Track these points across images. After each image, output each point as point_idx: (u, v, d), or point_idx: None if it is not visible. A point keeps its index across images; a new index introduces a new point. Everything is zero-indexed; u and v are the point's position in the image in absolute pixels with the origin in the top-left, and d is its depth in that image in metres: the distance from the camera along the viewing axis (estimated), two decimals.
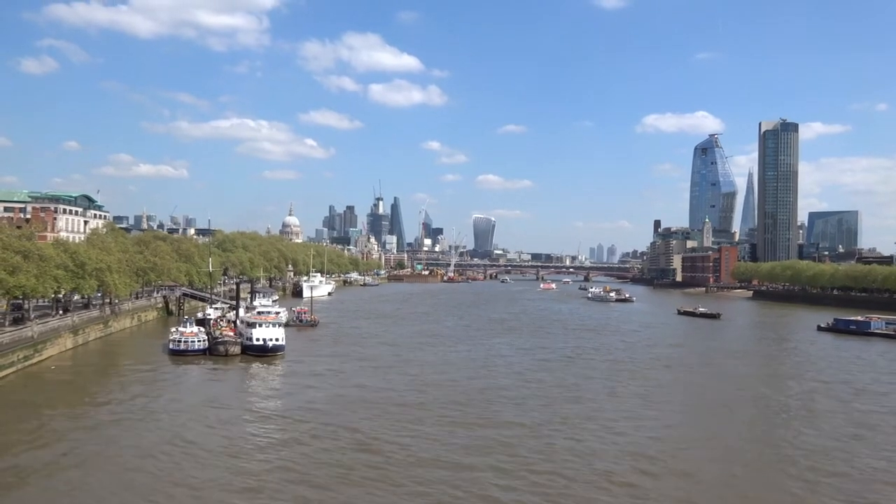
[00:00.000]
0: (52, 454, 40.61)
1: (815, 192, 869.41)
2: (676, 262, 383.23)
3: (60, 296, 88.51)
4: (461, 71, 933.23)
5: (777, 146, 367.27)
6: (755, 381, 73.80)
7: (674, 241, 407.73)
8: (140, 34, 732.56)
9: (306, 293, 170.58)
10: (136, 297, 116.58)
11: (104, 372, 69.94)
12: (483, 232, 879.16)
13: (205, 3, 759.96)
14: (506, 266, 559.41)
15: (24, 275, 67.84)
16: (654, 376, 72.85)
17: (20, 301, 79.31)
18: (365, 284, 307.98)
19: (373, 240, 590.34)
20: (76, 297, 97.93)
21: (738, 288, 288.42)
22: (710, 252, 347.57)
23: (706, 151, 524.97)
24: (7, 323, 72.96)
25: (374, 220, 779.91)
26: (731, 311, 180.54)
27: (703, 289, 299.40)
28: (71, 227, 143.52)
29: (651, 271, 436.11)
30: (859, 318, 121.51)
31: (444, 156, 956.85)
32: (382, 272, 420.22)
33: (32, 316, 78.17)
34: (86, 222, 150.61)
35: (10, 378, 62.24)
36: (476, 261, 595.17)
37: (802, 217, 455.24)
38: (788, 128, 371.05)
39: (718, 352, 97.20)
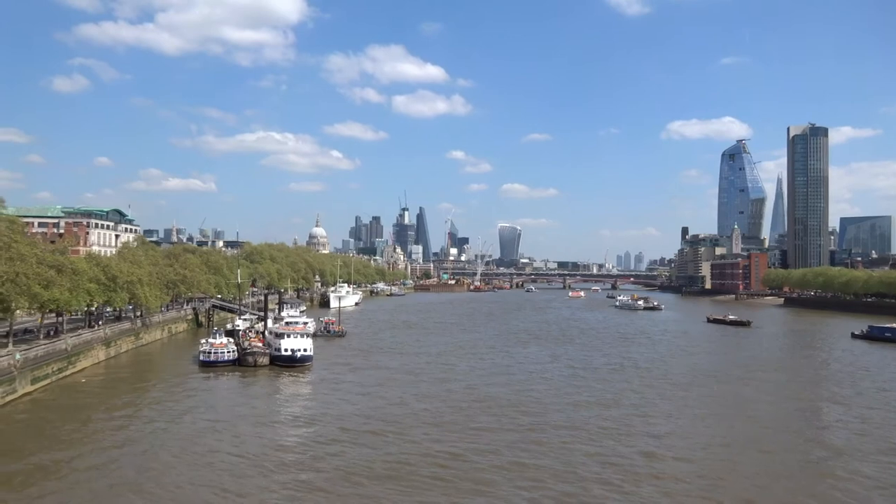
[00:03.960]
0: (88, 461, 41.16)
1: (846, 197, 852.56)
2: (705, 269, 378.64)
3: (93, 309, 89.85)
4: (485, 80, 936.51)
5: (806, 151, 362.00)
6: (798, 392, 72.28)
7: (702, 248, 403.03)
8: (167, 51, 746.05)
9: (333, 304, 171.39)
10: (167, 309, 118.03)
11: (136, 383, 70.74)
12: (509, 241, 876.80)
13: (230, 19, 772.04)
14: (532, 275, 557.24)
15: (57, 288, 69.04)
16: (693, 388, 71.82)
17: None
18: (391, 294, 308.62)
19: (399, 250, 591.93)
20: (108, 309, 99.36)
21: (769, 295, 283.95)
22: (740, 259, 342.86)
23: (734, 157, 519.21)
24: (42, 336, 74.27)
25: (400, 231, 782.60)
26: (762, 318, 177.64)
27: (733, 296, 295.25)
28: (103, 241, 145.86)
29: (679, 279, 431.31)
30: (895, 325, 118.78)
31: (468, 165, 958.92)
32: (409, 282, 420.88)
33: (66, 329, 79.48)
34: (117, 236, 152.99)
35: (46, 390, 63.30)
36: (502, 270, 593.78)
37: (833, 222, 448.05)
38: (818, 132, 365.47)
39: (754, 361, 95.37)
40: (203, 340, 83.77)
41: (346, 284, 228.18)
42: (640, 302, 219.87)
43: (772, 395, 69.74)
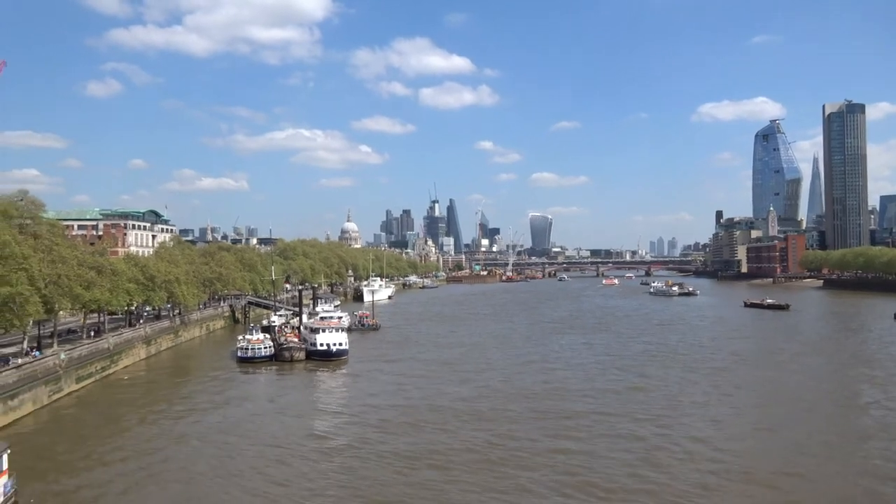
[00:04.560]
0: (132, 455, 42.08)
1: (885, 175, 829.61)
2: (741, 252, 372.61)
3: (133, 308, 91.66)
4: (511, 69, 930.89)
5: (843, 129, 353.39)
6: (840, 376, 71.02)
7: (737, 232, 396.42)
8: (195, 52, 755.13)
9: (367, 297, 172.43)
10: (204, 307, 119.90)
11: (177, 380, 72.14)
12: (540, 230, 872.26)
13: (257, 18, 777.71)
14: (564, 263, 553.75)
15: (98, 289, 70.50)
16: (734, 374, 70.81)
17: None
18: (424, 287, 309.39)
19: (430, 242, 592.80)
20: (147, 308, 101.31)
21: (808, 277, 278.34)
22: (777, 241, 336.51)
23: (768, 138, 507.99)
24: (85, 336, 76.00)
25: (431, 223, 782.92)
26: (801, 301, 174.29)
27: (770, 280, 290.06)
28: (140, 241, 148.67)
29: (714, 263, 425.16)
30: None
31: (497, 155, 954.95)
32: (441, 274, 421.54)
33: (107, 328, 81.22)
34: (154, 236, 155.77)
35: (90, 388, 64.85)
36: (534, 259, 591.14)
37: (873, 201, 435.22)
38: (854, 109, 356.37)
39: (793, 345, 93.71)
40: (240, 337, 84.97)
41: (378, 278, 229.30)
42: (675, 288, 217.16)
43: (813, 379, 68.44)
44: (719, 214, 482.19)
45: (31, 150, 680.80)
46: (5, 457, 33.78)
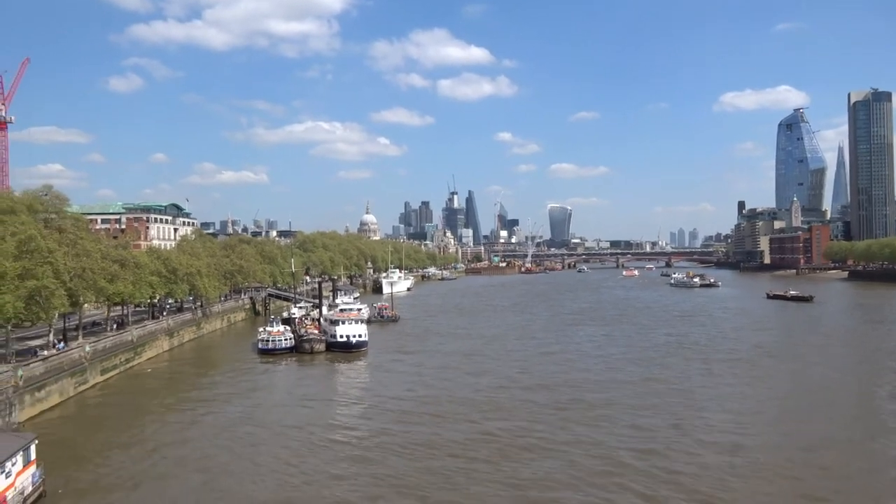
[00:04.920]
0: (156, 445, 42.69)
1: None
2: (763, 243, 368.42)
3: (156, 301, 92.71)
4: (530, 60, 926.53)
5: (869, 117, 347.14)
6: (866, 369, 70.13)
7: (760, 223, 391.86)
8: (215, 47, 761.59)
9: (386, 289, 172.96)
10: (225, 300, 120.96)
11: (199, 371, 72.90)
12: (559, 221, 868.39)
13: (275, 11, 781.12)
14: (584, 255, 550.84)
15: (122, 282, 71.39)
16: (757, 366, 70.14)
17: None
18: (443, 279, 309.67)
19: (449, 234, 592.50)
20: (170, 301, 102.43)
21: (832, 269, 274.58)
22: (800, 232, 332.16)
23: (791, 127, 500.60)
24: (109, 328, 77.04)
25: (450, 215, 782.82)
26: (825, 293, 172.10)
27: (794, 271, 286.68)
28: (162, 234, 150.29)
29: (736, 254, 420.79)
30: None
31: (516, 146, 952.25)
32: (460, 266, 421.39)
33: (131, 321, 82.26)
34: (175, 230, 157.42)
35: (115, 380, 65.79)
36: (553, 251, 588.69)
37: None
38: (881, 97, 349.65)
39: (818, 337, 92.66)
40: (261, 329, 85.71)
41: (397, 270, 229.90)
42: (696, 279, 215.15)
43: (837, 371, 67.57)
44: (741, 205, 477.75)
45: (55, 145, 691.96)
46: (33, 447, 34.44)
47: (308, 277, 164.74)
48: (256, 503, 33.90)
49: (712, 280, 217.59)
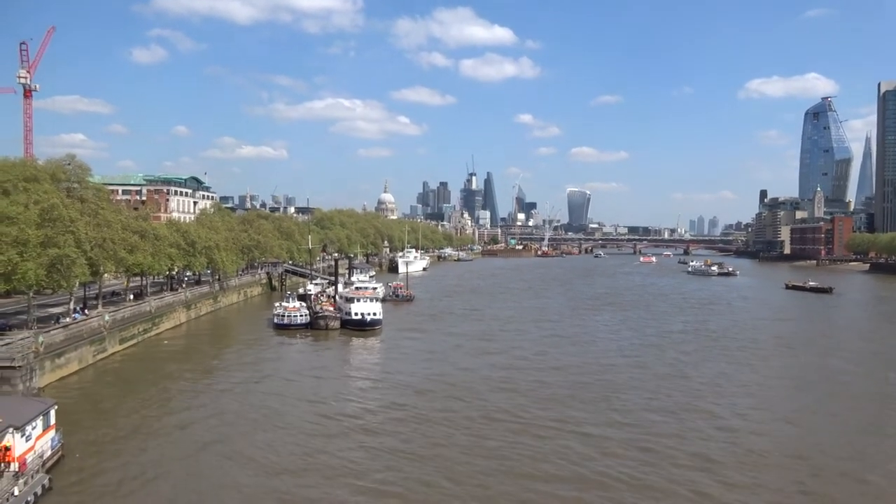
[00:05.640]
0: (171, 417, 43.40)
1: None
2: (784, 233, 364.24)
3: (174, 273, 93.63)
4: (554, 41, 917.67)
5: None
6: (884, 362, 69.47)
7: (781, 212, 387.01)
8: (238, 20, 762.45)
9: (402, 269, 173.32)
10: (242, 274, 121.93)
11: (215, 344, 73.88)
12: (577, 205, 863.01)
13: None
14: (601, 240, 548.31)
15: (141, 253, 72.26)
16: (774, 358, 69.85)
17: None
18: (459, 260, 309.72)
19: (466, 215, 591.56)
20: (188, 273, 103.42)
21: (854, 261, 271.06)
22: (822, 223, 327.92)
23: (818, 116, 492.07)
24: (128, 298, 78.08)
25: (468, 196, 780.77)
26: (845, 285, 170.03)
27: (814, 262, 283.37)
28: (182, 207, 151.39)
29: (756, 244, 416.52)
30: None
31: (536, 129, 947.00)
32: (476, 247, 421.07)
33: (149, 292, 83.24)
34: (195, 203, 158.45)
35: (132, 349, 66.77)
36: (570, 235, 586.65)
37: None
38: None
39: (835, 329, 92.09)
40: (277, 304, 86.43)
41: (413, 250, 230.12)
42: (714, 268, 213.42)
43: (856, 364, 66.93)
44: (763, 194, 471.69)
45: (78, 115, 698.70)
46: (52, 412, 35.14)
47: (325, 254, 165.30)
48: (270, 469, 34.38)
49: (730, 269, 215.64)
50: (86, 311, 65.99)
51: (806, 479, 34.67)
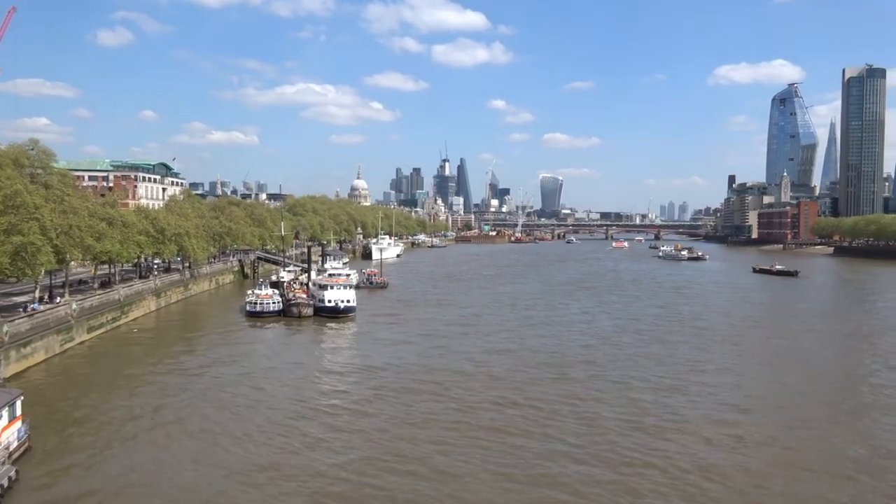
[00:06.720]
0: (139, 407, 42.65)
1: None
2: (752, 218, 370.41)
3: (143, 260, 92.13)
4: (526, 26, 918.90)
5: (862, 94, 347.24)
6: (847, 343, 71.08)
7: (749, 197, 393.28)
8: (207, 2, 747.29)
9: (375, 255, 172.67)
10: (214, 261, 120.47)
11: (186, 333, 72.84)
12: (550, 191, 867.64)
13: None
14: (574, 226, 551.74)
15: (109, 241, 70.78)
16: (741, 340, 71.04)
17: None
18: (433, 246, 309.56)
19: (440, 201, 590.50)
20: (157, 261, 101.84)
21: (819, 244, 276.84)
22: (788, 207, 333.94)
23: (785, 102, 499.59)
24: (96, 286, 76.64)
25: (441, 182, 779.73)
26: (811, 268, 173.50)
27: (781, 246, 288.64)
28: (150, 194, 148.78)
29: (725, 228, 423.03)
30: None
31: (509, 115, 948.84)
32: (450, 234, 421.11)
33: (118, 280, 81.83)
34: (164, 189, 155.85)
35: (101, 338, 65.60)
36: (543, 221, 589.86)
37: (889, 168, 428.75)
38: (875, 74, 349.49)
39: (799, 312, 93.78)
40: (249, 291, 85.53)
41: (387, 236, 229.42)
42: (684, 252, 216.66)
43: (818, 345, 68.39)
44: (732, 179, 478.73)
45: (42, 99, 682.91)
46: (19, 403, 34.34)
47: (297, 241, 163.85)
48: (244, 456, 34.00)
49: (700, 253, 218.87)
50: (50, 300, 64.52)
51: (782, 453, 35.35)
